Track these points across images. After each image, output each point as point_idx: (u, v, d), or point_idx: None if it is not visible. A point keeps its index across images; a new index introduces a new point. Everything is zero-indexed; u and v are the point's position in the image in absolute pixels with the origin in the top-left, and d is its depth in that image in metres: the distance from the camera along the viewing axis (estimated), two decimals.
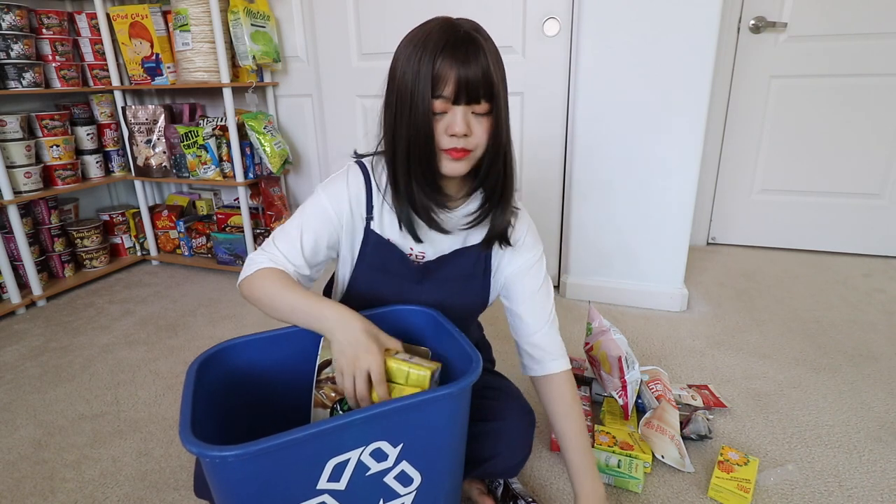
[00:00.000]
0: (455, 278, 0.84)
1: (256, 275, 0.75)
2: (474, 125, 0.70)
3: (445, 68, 0.66)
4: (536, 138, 1.74)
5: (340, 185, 0.79)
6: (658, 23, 1.45)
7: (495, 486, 0.96)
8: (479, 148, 0.73)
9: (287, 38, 1.98)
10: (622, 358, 1.09)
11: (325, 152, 2.12)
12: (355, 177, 0.80)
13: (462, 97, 0.68)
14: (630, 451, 1.00)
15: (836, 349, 1.42)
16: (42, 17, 1.82)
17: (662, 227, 1.63)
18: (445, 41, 0.66)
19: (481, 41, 0.68)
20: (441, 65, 0.66)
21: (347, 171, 0.81)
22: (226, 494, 0.56)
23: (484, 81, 0.67)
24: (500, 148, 0.74)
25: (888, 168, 1.99)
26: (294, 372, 0.78)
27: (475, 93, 0.68)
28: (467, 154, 0.72)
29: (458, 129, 0.69)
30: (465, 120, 0.69)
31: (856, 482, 0.96)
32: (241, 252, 2.04)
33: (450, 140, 0.70)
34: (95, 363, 1.46)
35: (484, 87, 0.68)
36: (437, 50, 0.66)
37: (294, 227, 0.78)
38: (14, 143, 1.74)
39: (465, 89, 0.67)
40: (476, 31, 0.69)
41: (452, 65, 0.66)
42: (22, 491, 1.01)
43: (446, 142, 0.70)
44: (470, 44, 0.67)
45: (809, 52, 1.95)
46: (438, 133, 0.70)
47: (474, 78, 0.67)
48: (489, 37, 0.70)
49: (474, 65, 0.66)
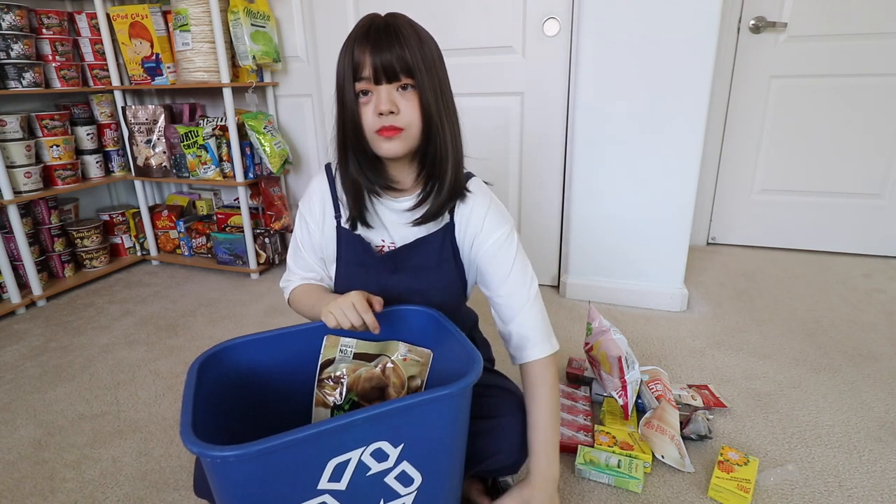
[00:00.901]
0: (426, 265, 0.85)
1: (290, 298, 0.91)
2: (401, 102, 0.73)
3: (361, 52, 0.71)
4: (536, 138, 1.74)
5: (310, 196, 0.88)
6: (658, 23, 1.45)
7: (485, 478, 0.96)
8: (412, 126, 0.75)
9: (287, 38, 1.98)
10: (622, 358, 1.09)
11: (324, 152, 2.11)
12: (319, 182, 0.87)
13: (381, 76, 0.72)
14: (630, 451, 1.00)
15: (836, 349, 1.42)
16: (42, 17, 1.82)
17: (662, 227, 1.63)
18: (363, 30, 0.72)
19: (397, 24, 0.72)
20: (358, 50, 0.71)
21: (314, 179, 0.88)
22: (226, 494, 0.56)
23: (398, 57, 0.71)
24: (431, 121, 0.75)
25: (888, 168, 1.99)
26: (294, 372, 0.78)
27: (391, 69, 0.71)
28: (399, 132, 0.74)
29: (384, 106, 0.72)
30: (390, 98, 0.72)
31: (856, 482, 0.97)
32: (241, 252, 2.04)
33: (379, 120, 0.73)
34: (95, 363, 1.46)
35: (399, 62, 0.71)
36: (356, 39, 0.72)
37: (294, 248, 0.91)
38: (14, 143, 1.74)
39: (382, 68, 0.71)
40: (394, 17, 0.74)
41: (367, 48, 0.71)
42: (22, 491, 1.01)
43: (377, 122, 0.74)
44: (384, 28, 0.71)
45: (809, 52, 1.95)
46: (368, 117, 0.74)
47: (388, 55, 0.71)
48: (411, 22, 0.74)
49: (387, 44, 0.70)
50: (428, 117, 0.74)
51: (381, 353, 0.80)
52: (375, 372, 0.80)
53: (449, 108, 0.77)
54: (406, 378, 0.79)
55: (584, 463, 0.98)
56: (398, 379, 0.79)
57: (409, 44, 0.71)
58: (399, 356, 0.79)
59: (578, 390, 1.23)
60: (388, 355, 0.80)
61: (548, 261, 1.86)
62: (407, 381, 0.79)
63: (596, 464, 0.98)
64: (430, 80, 0.74)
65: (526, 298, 0.83)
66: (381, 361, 0.80)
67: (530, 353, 0.82)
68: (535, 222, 1.81)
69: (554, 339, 0.84)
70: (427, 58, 0.73)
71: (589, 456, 0.99)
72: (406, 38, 0.71)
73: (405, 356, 0.79)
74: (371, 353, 0.80)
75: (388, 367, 0.80)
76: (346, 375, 0.79)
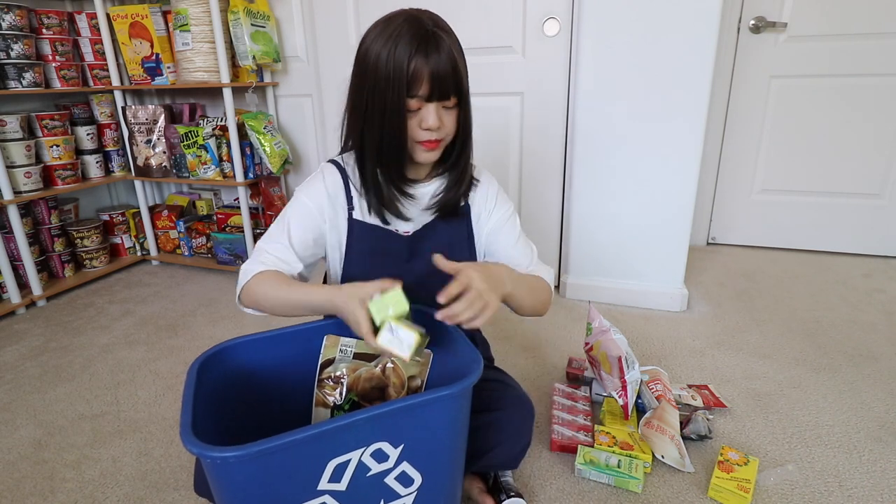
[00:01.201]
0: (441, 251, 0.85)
1: (252, 282, 0.79)
2: (444, 118, 0.77)
3: (419, 70, 0.71)
4: (536, 138, 1.74)
5: (317, 183, 0.85)
6: (658, 23, 1.45)
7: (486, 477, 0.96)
8: (449, 136, 0.80)
9: (287, 38, 1.98)
10: (622, 358, 1.09)
11: (324, 152, 2.11)
12: (331, 173, 0.86)
13: (435, 95, 0.73)
14: (630, 451, 1.00)
15: (836, 349, 1.42)
16: (42, 17, 1.82)
17: (662, 227, 1.63)
18: (417, 42, 0.70)
19: (447, 38, 0.72)
20: (415, 66, 0.70)
21: (322, 170, 0.87)
22: (226, 495, 0.56)
23: (453, 79, 0.73)
24: (467, 136, 0.82)
25: (888, 168, 1.99)
26: (294, 372, 0.78)
27: (446, 90, 0.74)
28: (439, 143, 0.79)
29: (433, 123, 0.75)
30: (438, 114, 0.75)
31: (856, 482, 0.97)
32: (241, 252, 2.04)
33: (424, 133, 0.76)
34: (95, 363, 1.46)
35: (453, 84, 0.74)
36: (410, 51, 0.70)
37: (278, 229, 0.84)
38: (14, 143, 1.74)
39: (438, 88, 0.73)
40: (440, 27, 0.73)
41: (425, 66, 0.71)
42: (22, 491, 1.01)
43: (421, 135, 0.77)
44: (439, 43, 0.71)
45: (809, 52, 1.95)
46: (412, 128, 0.76)
47: (445, 77, 0.72)
48: (451, 30, 0.75)
49: (444, 65, 0.72)
50: (465, 130, 0.81)
51: (382, 354, 0.80)
52: (375, 372, 0.80)
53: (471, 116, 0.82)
54: (406, 378, 0.79)
55: (584, 463, 0.98)
56: (398, 379, 0.79)
57: (459, 63, 0.74)
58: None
59: (578, 390, 1.23)
60: (388, 356, 0.80)
61: (548, 261, 1.83)
62: (407, 382, 0.79)
63: (596, 464, 0.98)
64: (468, 96, 0.79)
65: (531, 259, 0.94)
66: (381, 361, 0.80)
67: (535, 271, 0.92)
68: (535, 222, 1.81)
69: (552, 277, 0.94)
70: (467, 71, 0.77)
71: (589, 456, 0.99)
72: (458, 57, 0.74)
73: None
74: (371, 353, 0.80)
75: (388, 367, 0.80)
76: (346, 375, 0.79)
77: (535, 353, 1.45)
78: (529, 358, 1.42)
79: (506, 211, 0.93)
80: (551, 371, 1.36)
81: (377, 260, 0.86)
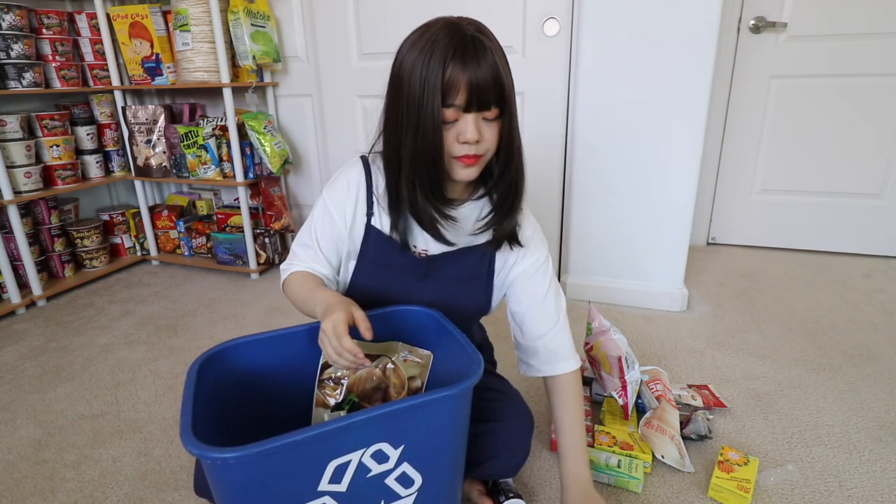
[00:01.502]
0: (458, 278, 0.83)
1: (287, 280, 0.82)
2: (485, 131, 0.70)
3: (456, 77, 0.64)
4: (536, 138, 1.74)
5: (341, 186, 0.81)
6: (658, 23, 1.45)
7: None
8: (490, 152, 0.73)
9: (287, 38, 1.98)
10: (622, 358, 1.09)
11: (325, 152, 2.11)
12: (356, 175, 0.81)
13: (473, 105, 0.67)
14: (630, 451, 1.00)
15: (836, 349, 1.42)
16: (42, 17, 1.82)
17: (662, 227, 1.63)
18: (454, 48, 0.64)
19: (488, 44, 0.66)
20: (451, 73, 0.64)
21: (348, 169, 0.82)
22: (226, 495, 0.56)
23: (495, 88, 0.66)
24: (512, 151, 0.73)
25: (888, 168, 1.99)
26: (295, 372, 0.78)
27: (486, 100, 0.67)
28: (479, 159, 0.72)
29: (471, 136, 0.68)
30: (477, 126, 0.68)
31: (856, 482, 0.97)
32: (241, 252, 2.04)
33: (462, 147, 0.70)
34: (95, 363, 1.46)
35: (495, 93, 0.67)
36: (446, 58, 0.64)
37: (309, 238, 0.82)
38: (14, 143, 1.74)
39: (477, 97, 0.66)
40: (482, 33, 0.68)
41: (463, 73, 0.64)
42: (22, 491, 1.01)
43: (458, 149, 0.70)
44: (479, 49, 0.65)
45: (809, 52, 1.95)
46: (449, 141, 0.69)
47: (485, 85, 0.66)
48: (494, 37, 0.69)
49: (484, 71, 0.65)
50: (509, 145, 0.73)
51: (382, 354, 0.80)
52: (375, 372, 0.80)
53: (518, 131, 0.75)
54: (406, 379, 0.79)
55: None
56: (398, 380, 0.79)
57: (501, 70, 0.67)
58: (399, 357, 0.79)
59: None
60: (388, 356, 0.80)
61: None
62: (407, 382, 0.79)
63: (596, 464, 0.98)
64: (514, 107, 0.72)
65: (557, 317, 0.86)
66: (381, 362, 0.80)
67: (562, 367, 0.86)
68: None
69: (577, 355, 0.89)
70: (511, 82, 0.70)
71: (589, 456, 0.99)
72: (500, 65, 0.67)
73: (406, 357, 0.79)
74: (371, 354, 0.80)
75: (388, 367, 0.80)
76: (346, 376, 0.79)
77: None
78: None
79: (540, 256, 0.85)
80: None
81: (388, 274, 0.82)
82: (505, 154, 0.73)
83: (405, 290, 0.81)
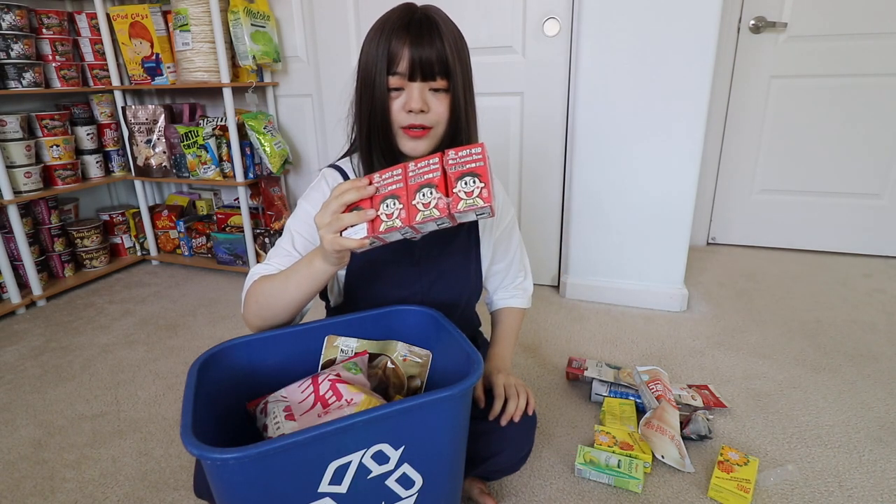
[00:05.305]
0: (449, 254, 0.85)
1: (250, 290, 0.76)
2: (432, 102, 0.72)
3: (400, 46, 0.68)
4: (536, 138, 1.74)
5: (319, 191, 0.82)
6: (658, 23, 1.45)
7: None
8: (440, 126, 0.74)
9: (287, 38, 1.98)
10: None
11: (325, 152, 2.11)
12: (333, 179, 0.83)
13: (417, 73, 0.69)
14: (630, 451, 1.00)
15: (836, 349, 1.42)
16: (42, 17, 1.82)
17: (662, 227, 1.63)
18: (402, 22, 0.69)
19: (437, 20, 0.70)
20: (396, 43, 0.68)
21: (323, 176, 0.83)
22: (227, 496, 0.56)
23: (438, 57, 0.69)
24: (459, 125, 0.75)
25: (888, 168, 1.99)
26: (295, 372, 0.78)
27: (429, 69, 0.69)
28: (426, 132, 0.73)
29: (415, 104, 0.70)
30: (422, 96, 0.71)
31: (856, 482, 0.97)
32: (241, 252, 2.04)
33: (408, 117, 0.72)
34: (95, 363, 1.46)
35: (438, 63, 0.69)
36: (393, 29, 0.68)
37: (285, 241, 0.81)
38: (14, 143, 1.74)
39: (420, 65, 0.69)
40: (434, 12, 0.71)
41: (406, 42, 0.68)
42: (22, 491, 1.01)
43: (404, 118, 0.72)
44: (425, 22, 0.69)
45: (809, 52, 1.95)
46: (396, 110, 0.72)
47: (428, 54, 0.69)
48: (448, 18, 0.72)
49: (428, 41, 0.68)
50: (456, 118, 0.74)
51: (381, 354, 0.80)
52: (376, 372, 0.80)
53: (473, 108, 0.77)
54: (406, 379, 0.79)
55: (584, 463, 0.98)
56: (398, 379, 0.79)
57: (447, 43, 0.69)
58: (399, 356, 0.79)
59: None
60: (387, 355, 0.80)
61: (548, 261, 1.86)
62: (406, 382, 0.79)
63: (596, 464, 0.98)
64: (464, 81, 0.73)
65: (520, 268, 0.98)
66: (380, 362, 0.80)
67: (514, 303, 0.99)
68: (535, 222, 1.81)
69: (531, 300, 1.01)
70: (462, 59, 0.72)
71: (589, 456, 0.99)
72: (445, 37, 0.69)
73: (405, 357, 0.79)
74: (371, 353, 0.80)
75: (388, 367, 0.80)
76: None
77: (535, 353, 1.45)
78: (529, 358, 1.42)
79: (511, 220, 0.92)
80: (551, 371, 1.36)
81: (382, 268, 0.83)
82: (453, 128, 0.75)
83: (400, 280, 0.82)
